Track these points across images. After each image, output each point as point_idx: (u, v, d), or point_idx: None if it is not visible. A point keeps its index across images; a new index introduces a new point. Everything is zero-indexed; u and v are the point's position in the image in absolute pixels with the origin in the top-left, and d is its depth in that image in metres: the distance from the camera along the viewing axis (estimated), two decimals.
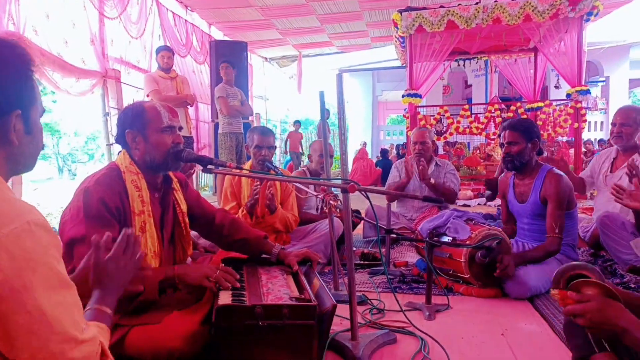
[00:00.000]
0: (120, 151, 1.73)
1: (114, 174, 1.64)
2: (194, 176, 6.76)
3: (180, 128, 1.76)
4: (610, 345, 1.17)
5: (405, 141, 8.44)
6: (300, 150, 12.90)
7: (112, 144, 5.55)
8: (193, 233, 2.01)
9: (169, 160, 1.68)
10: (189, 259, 1.93)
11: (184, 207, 1.82)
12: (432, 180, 3.74)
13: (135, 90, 6.25)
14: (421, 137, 3.97)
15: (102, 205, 1.52)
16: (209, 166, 1.75)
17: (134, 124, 1.67)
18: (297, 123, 13.41)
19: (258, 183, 2.86)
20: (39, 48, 4.47)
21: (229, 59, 5.82)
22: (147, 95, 5.13)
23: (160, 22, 7.09)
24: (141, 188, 1.65)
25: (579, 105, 6.68)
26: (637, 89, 18.31)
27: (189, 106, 5.52)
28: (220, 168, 1.87)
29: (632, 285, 2.40)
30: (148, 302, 1.51)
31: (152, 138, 1.66)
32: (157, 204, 1.73)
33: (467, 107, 7.80)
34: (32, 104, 0.93)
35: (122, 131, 1.68)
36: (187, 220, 1.83)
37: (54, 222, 4.39)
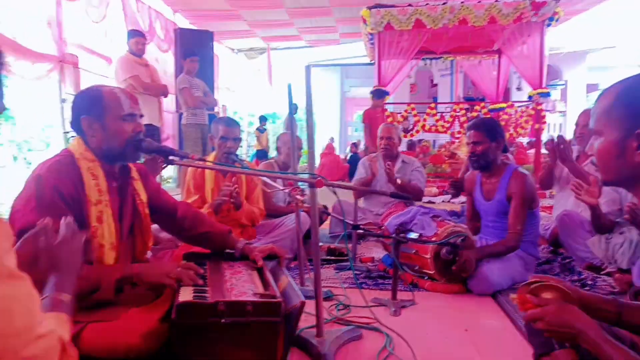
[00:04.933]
0: (69, 135, 1.63)
1: (68, 161, 1.53)
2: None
3: (141, 116, 1.67)
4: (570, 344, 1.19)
5: None
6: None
7: (69, 132, 5.30)
8: (154, 227, 1.93)
9: (128, 150, 1.59)
10: (149, 253, 1.85)
11: (143, 197, 1.73)
12: (399, 181, 3.75)
13: (94, 77, 5.99)
14: (387, 132, 3.98)
15: (56, 193, 1.42)
16: (171, 157, 1.68)
17: (91, 110, 1.56)
18: (383, 95, 7.12)
19: (228, 183, 2.78)
20: None
21: (196, 50, 5.66)
22: (124, 80, 4.84)
23: (122, 6, 6.82)
24: (98, 176, 1.55)
25: (539, 107, 6.89)
26: (592, 94, 19.10)
27: (163, 97, 5.30)
28: (183, 160, 1.79)
29: (589, 282, 2.48)
30: (103, 301, 1.44)
31: (111, 126, 1.55)
32: (115, 193, 1.64)
33: (433, 105, 7.91)
34: None
35: (77, 117, 1.57)
36: (147, 211, 1.74)
37: (6, 213, 4.16)
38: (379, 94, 7.07)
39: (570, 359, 1.19)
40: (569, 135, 3.77)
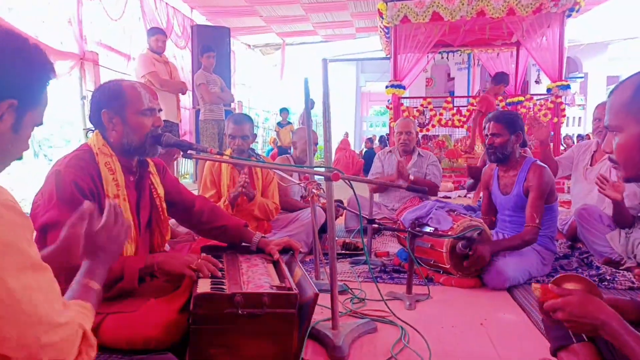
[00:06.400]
0: (88, 129, 1.66)
1: (87, 156, 1.57)
2: (174, 163, 6.65)
3: (160, 110, 1.70)
4: (588, 337, 1.17)
5: (388, 132, 8.46)
6: None
7: (89, 129, 5.39)
8: (172, 221, 1.97)
9: (147, 144, 1.62)
10: (167, 246, 1.89)
11: (160, 191, 1.77)
12: (412, 177, 3.74)
13: (114, 74, 6.09)
14: (406, 127, 3.98)
15: (75, 188, 1.46)
16: (189, 151, 1.71)
17: (111, 104, 1.59)
18: (505, 79, 6.25)
19: (245, 175, 2.80)
20: (13, 28, 4.31)
21: (213, 46, 5.68)
22: (143, 77, 4.88)
23: (140, 3, 6.90)
24: (115, 171, 1.58)
25: (559, 100, 6.78)
26: (613, 86, 18.64)
27: (181, 94, 5.34)
28: (201, 153, 1.82)
29: (608, 277, 2.45)
30: (126, 291, 1.47)
31: (131, 120, 1.59)
32: (133, 187, 1.67)
33: (449, 99, 7.84)
34: (34, 107, 0.89)
35: (98, 111, 1.60)
36: (164, 205, 1.77)
37: (28, 208, 4.26)
38: (500, 79, 6.12)
39: (589, 353, 1.17)
40: (588, 129, 3.71)
